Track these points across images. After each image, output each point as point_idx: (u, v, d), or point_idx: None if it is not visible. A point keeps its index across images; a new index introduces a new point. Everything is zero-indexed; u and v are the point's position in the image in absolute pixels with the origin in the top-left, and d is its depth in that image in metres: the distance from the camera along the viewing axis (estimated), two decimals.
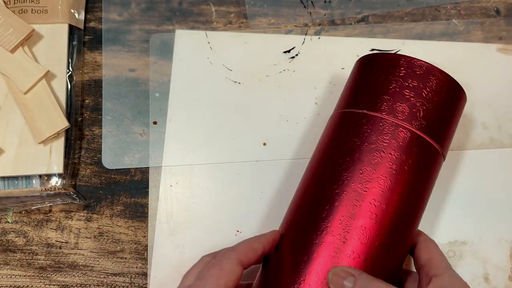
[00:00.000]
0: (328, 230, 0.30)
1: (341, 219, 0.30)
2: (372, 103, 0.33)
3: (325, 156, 0.34)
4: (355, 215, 0.30)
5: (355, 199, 0.31)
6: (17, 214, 0.42)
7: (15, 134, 0.41)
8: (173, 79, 0.45)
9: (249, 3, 0.47)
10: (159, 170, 0.43)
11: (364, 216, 0.30)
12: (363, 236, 0.30)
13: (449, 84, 0.34)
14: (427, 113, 0.33)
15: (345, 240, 0.29)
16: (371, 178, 0.31)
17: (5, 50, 0.42)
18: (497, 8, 0.48)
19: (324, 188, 0.32)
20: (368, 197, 0.30)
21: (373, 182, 0.31)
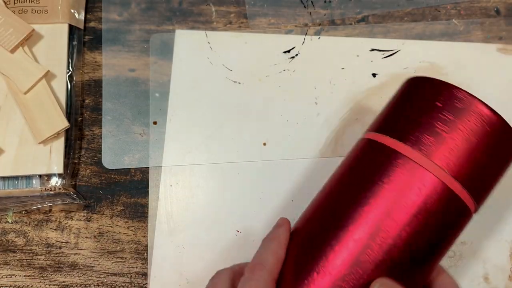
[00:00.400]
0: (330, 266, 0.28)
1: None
2: (403, 133, 0.30)
3: (346, 183, 0.31)
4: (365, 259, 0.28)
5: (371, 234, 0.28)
6: (17, 214, 0.42)
7: (15, 134, 0.41)
8: (173, 79, 0.45)
9: (249, 3, 0.47)
10: (159, 170, 0.43)
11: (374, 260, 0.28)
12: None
13: (495, 124, 0.30)
14: (458, 154, 0.28)
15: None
16: (390, 218, 0.28)
17: (5, 50, 0.42)
18: (497, 8, 0.48)
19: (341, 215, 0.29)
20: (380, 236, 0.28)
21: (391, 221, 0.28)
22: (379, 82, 0.45)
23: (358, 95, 0.45)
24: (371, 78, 0.46)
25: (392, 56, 0.46)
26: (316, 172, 0.43)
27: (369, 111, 0.45)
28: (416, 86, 0.32)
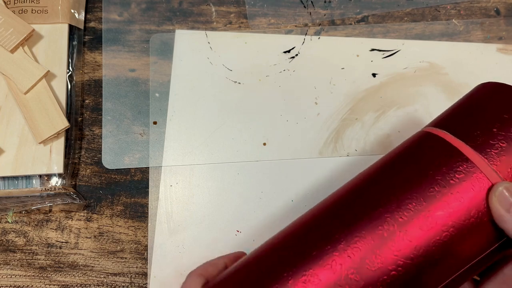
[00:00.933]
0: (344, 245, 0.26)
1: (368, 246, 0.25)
2: (469, 137, 0.27)
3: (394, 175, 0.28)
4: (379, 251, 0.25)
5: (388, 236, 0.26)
6: (17, 214, 0.42)
7: (15, 134, 0.41)
8: (173, 79, 0.45)
9: (249, 3, 0.47)
10: (159, 170, 0.43)
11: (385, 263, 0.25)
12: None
13: None
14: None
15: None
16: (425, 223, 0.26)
17: (5, 50, 0.42)
18: (497, 8, 0.48)
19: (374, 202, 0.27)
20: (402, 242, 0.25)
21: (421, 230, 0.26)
22: (379, 82, 0.45)
23: (358, 95, 0.45)
24: (371, 78, 0.46)
25: (392, 56, 0.46)
26: (316, 172, 0.43)
27: (369, 111, 0.45)
28: (494, 91, 0.29)
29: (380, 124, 0.44)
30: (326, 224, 0.27)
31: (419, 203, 0.26)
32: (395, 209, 0.26)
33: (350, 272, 0.25)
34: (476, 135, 0.27)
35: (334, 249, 0.26)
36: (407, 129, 0.44)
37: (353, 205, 0.28)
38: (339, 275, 0.25)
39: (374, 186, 0.28)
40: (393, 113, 0.45)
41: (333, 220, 0.27)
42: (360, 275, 0.25)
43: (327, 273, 0.25)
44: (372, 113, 0.45)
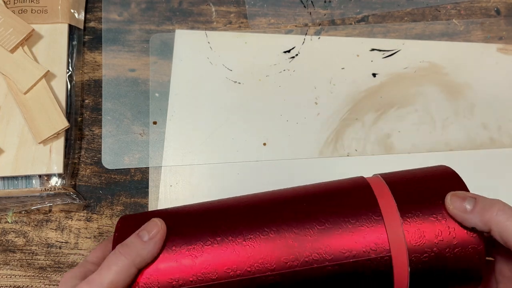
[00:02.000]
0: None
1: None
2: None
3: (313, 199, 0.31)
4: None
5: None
6: (17, 214, 0.42)
7: (15, 134, 0.41)
8: (173, 79, 0.45)
9: (249, 3, 0.47)
10: (159, 170, 0.43)
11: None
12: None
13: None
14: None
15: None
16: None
17: (5, 50, 0.42)
18: (497, 8, 0.48)
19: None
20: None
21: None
22: (379, 82, 0.45)
23: (358, 95, 0.45)
24: (371, 78, 0.46)
25: (392, 56, 0.46)
26: (316, 172, 0.43)
27: (369, 111, 0.45)
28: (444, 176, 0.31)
29: (380, 124, 0.44)
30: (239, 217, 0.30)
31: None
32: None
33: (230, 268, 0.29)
34: (407, 200, 0.29)
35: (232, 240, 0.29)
36: (407, 129, 0.44)
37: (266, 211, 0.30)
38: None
39: (295, 204, 0.31)
40: (393, 113, 0.45)
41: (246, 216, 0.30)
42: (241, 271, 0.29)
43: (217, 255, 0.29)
44: (372, 113, 0.45)
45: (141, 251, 0.29)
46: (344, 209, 0.29)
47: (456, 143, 0.44)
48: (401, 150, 0.44)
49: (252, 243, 0.29)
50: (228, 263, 0.29)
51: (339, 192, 0.31)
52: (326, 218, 0.29)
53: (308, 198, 0.31)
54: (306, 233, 0.29)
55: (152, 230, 0.30)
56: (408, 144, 0.44)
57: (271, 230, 0.29)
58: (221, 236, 0.29)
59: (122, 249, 0.29)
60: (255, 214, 0.30)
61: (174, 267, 0.29)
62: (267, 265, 0.28)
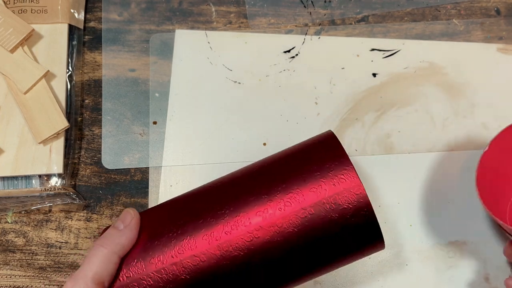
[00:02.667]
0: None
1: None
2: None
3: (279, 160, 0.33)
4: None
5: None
6: (17, 214, 0.42)
7: (15, 134, 0.41)
8: (173, 79, 0.45)
9: (249, 3, 0.47)
10: (159, 170, 0.43)
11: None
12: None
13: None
14: None
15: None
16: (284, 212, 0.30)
17: (5, 50, 0.42)
18: (497, 8, 0.48)
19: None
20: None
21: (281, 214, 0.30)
22: (379, 82, 0.45)
23: (358, 95, 0.45)
24: (371, 78, 0.46)
25: (392, 56, 0.46)
26: None
27: (369, 111, 0.45)
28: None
29: (380, 124, 0.44)
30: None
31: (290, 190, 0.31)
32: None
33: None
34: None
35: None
36: (407, 129, 0.44)
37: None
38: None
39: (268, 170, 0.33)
40: (393, 113, 0.45)
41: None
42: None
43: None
44: (372, 113, 0.45)
45: (118, 238, 0.30)
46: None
47: (456, 143, 0.44)
48: (401, 150, 0.44)
49: (229, 220, 0.30)
50: (206, 238, 0.30)
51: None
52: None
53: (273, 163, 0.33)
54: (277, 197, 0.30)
55: (126, 218, 0.31)
56: (408, 144, 0.44)
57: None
58: (199, 217, 0.31)
59: (100, 241, 0.30)
60: (234, 189, 0.32)
61: (154, 249, 0.30)
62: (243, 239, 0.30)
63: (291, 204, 0.30)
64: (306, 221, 0.30)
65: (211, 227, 0.30)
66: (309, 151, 0.32)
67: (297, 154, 0.33)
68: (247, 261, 0.30)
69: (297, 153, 0.33)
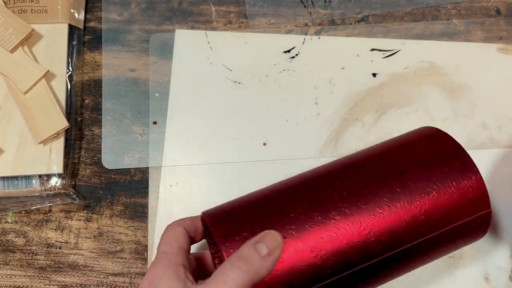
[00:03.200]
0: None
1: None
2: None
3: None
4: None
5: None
6: (17, 214, 0.42)
7: (15, 134, 0.41)
8: (173, 79, 0.45)
9: (249, 3, 0.47)
10: (159, 170, 0.43)
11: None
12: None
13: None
14: None
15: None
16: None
17: (5, 50, 0.42)
18: (497, 8, 0.48)
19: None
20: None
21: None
22: (379, 82, 0.45)
23: (358, 95, 0.45)
24: (371, 78, 0.46)
25: (392, 56, 0.46)
26: None
27: (369, 111, 0.45)
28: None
29: (380, 124, 0.44)
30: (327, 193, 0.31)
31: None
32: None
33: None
34: None
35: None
36: (407, 129, 0.44)
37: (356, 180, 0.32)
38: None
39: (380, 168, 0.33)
40: (393, 113, 0.45)
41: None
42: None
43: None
44: (372, 113, 0.45)
45: (260, 268, 0.26)
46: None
47: None
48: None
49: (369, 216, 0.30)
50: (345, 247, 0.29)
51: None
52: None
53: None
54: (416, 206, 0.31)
55: (270, 243, 0.27)
56: None
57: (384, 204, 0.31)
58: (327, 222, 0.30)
59: (240, 262, 0.26)
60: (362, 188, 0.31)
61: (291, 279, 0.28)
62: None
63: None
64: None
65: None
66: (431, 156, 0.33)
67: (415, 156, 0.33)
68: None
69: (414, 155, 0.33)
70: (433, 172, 0.32)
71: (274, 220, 0.30)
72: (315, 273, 0.28)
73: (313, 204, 0.30)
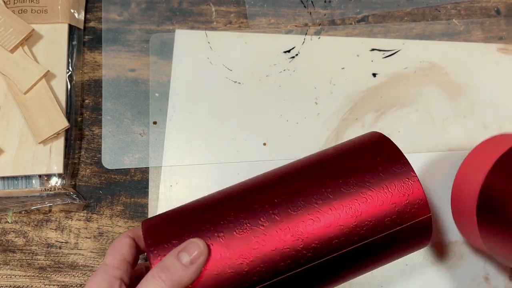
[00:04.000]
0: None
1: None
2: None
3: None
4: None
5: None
6: (17, 214, 0.42)
7: (15, 134, 0.41)
8: (173, 79, 0.45)
9: (249, 3, 0.47)
10: (159, 170, 0.43)
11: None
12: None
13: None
14: None
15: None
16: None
17: (5, 50, 0.42)
18: (497, 8, 0.48)
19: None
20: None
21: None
22: (379, 82, 0.45)
23: (358, 95, 0.45)
24: (371, 78, 0.46)
25: (393, 56, 0.46)
26: None
27: (369, 111, 0.45)
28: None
29: (380, 124, 0.44)
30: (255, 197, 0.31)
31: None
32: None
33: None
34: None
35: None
36: (407, 129, 0.44)
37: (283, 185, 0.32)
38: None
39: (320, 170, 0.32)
40: (393, 113, 0.45)
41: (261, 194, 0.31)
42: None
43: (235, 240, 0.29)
44: (372, 113, 0.45)
45: (182, 276, 0.27)
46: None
47: (456, 143, 0.44)
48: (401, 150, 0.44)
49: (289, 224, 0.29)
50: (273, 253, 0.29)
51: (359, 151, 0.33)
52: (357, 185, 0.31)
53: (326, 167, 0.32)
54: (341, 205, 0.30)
55: (193, 252, 0.28)
56: (408, 144, 0.44)
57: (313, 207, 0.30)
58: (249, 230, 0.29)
59: (162, 273, 0.27)
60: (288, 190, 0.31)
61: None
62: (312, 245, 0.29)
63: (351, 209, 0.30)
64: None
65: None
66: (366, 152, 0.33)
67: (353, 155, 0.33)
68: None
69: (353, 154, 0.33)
70: (368, 177, 0.30)
71: (205, 227, 0.29)
72: (242, 280, 0.28)
73: (244, 210, 0.30)
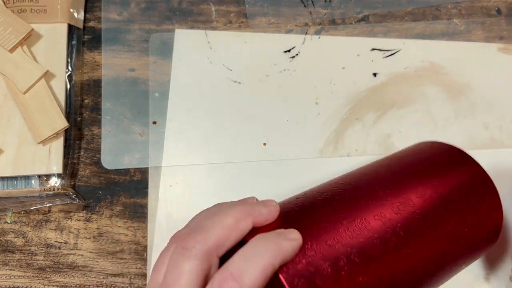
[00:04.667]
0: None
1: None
2: None
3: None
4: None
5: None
6: (16, 215, 0.42)
7: (14, 134, 0.41)
8: (173, 79, 0.45)
9: (249, 2, 0.47)
10: (158, 170, 0.43)
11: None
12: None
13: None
14: None
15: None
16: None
17: (4, 50, 0.42)
18: (498, 7, 0.48)
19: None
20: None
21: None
22: (379, 81, 0.45)
23: (359, 95, 0.45)
24: (372, 78, 0.45)
25: (393, 56, 0.46)
26: (316, 172, 0.42)
27: (369, 111, 0.45)
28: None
29: (380, 124, 0.44)
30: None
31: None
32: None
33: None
34: None
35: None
36: (408, 129, 0.44)
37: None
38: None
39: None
40: (393, 113, 0.45)
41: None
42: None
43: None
44: (373, 113, 0.45)
45: (284, 247, 0.25)
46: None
47: (457, 143, 0.44)
48: None
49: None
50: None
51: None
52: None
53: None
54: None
55: (290, 234, 0.27)
56: (409, 144, 0.44)
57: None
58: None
59: (263, 241, 0.25)
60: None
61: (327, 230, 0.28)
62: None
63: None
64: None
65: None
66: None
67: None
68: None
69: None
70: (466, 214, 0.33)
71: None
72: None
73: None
